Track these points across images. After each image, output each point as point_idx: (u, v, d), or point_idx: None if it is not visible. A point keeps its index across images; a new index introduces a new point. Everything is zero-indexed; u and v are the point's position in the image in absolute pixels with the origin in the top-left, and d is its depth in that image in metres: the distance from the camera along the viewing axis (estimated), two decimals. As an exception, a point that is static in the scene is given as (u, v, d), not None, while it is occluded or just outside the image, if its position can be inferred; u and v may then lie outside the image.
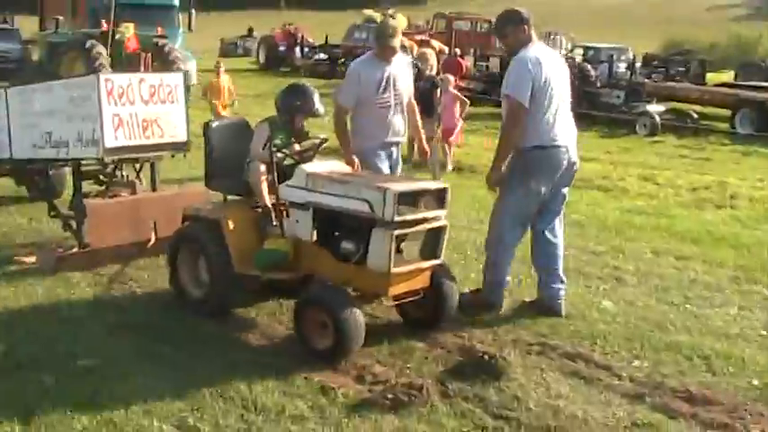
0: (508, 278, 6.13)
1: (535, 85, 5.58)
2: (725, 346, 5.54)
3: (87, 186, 7.71)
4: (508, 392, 4.71)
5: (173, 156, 7.74)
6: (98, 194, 7.68)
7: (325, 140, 6.00)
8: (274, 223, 5.63)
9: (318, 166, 5.72)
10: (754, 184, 12.23)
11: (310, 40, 36.22)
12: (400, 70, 6.51)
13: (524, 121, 5.61)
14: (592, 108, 19.64)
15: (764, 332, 5.87)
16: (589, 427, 4.38)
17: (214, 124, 6.36)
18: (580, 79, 20.09)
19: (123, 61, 18.19)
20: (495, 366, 4.92)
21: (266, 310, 6.10)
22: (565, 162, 5.81)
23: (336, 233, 5.44)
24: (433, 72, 12.29)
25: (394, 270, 5.08)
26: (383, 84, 6.35)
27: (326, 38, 34.65)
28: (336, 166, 5.88)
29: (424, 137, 7.09)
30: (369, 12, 48.68)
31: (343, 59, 30.94)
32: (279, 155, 5.67)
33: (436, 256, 5.41)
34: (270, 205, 5.68)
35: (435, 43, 26.67)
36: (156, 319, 5.92)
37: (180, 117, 7.36)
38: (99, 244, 7.03)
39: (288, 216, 5.56)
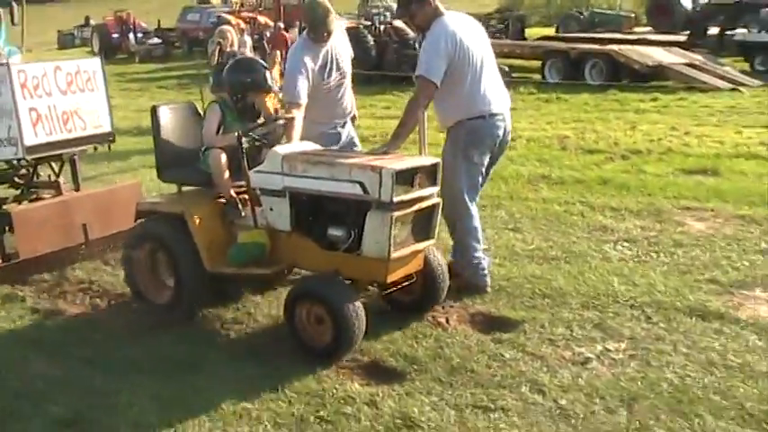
0: (483, 256, 5.70)
1: (455, 58, 5.29)
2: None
3: (2, 191, 6.97)
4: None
5: (95, 149, 7.10)
6: (17, 199, 6.92)
7: (293, 119, 5.49)
8: (243, 214, 5.17)
9: (290, 147, 5.18)
10: (541, 126, 12.96)
11: (143, 24, 35.79)
12: (339, 46, 6.08)
13: (432, 98, 5.32)
14: (411, 70, 19.78)
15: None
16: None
17: (162, 108, 5.71)
18: (399, 43, 20.86)
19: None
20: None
21: (239, 305, 5.63)
22: (502, 130, 5.59)
23: (319, 219, 4.97)
24: (235, 48, 12.57)
25: (394, 255, 4.66)
26: (327, 68, 5.92)
27: (159, 22, 34.87)
28: (309, 146, 5.32)
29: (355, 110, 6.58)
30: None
31: (177, 42, 32.55)
32: (244, 139, 5.12)
33: (430, 237, 5.00)
34: (234, 195, 5.25)
35: (262, 19, 27.49)
36: (121, 329, 5.37)
37: (102, 106, 6.78)
38: (30, 254, 6.29)
39: (259, 205, 5.07)
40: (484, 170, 5.65)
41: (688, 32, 26.26)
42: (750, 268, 6.03)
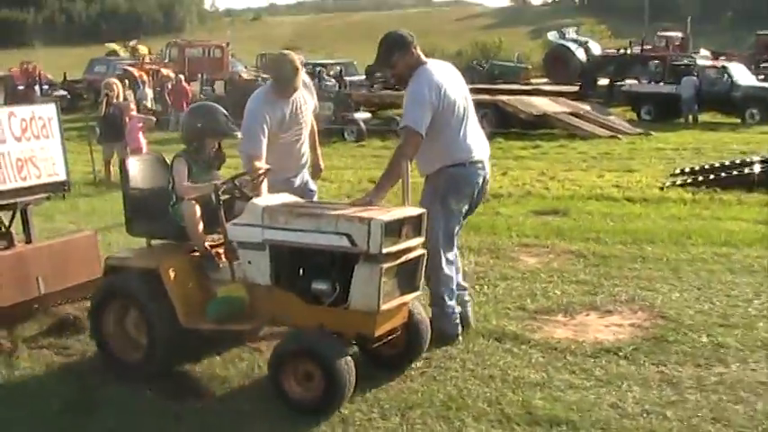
0: (455, 305, 5.64)
1: (439, 106, 5.27)
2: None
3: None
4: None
5: (48, 198, 6.82)
6: (-36, 252, 6.48)
7: (269, 170, 5.41)
8: (220, 267, 5.03)
9: (269, 199, 5.05)
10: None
11: (49, 76, 35.81)
12: (301, 98, 5.98)
13: (418, 149, 5.27)
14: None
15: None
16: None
17: (131, 161, 5.59)
18: None
19: None
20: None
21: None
22: (481, 178, 5.58)
23: (301, 273, 4.86)
24: (121, 99, 13.56)
25: (382, 307, 4.54)
26: (286, 122, 5.85)
27: (65, 75, 35.48)
28: (286, 198, 5.17)
29: (320, 153, 6.54)
30: (111, 45, 47.99)
31: (84, 94, 32.92)
32: (223, 189, 4.97)
33: (416, 288, 4.93)
34: (208, 248, 5.13)
35: (165, 71, 28.86)
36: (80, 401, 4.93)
37: (57, 153, 6.58)
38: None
39: (236, 258, 4.91)
40: (461, 218, 5.64)
41: (579, 83, 27.66)
42: (560, 297, 6.65)
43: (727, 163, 12.96)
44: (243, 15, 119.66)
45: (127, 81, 24.23)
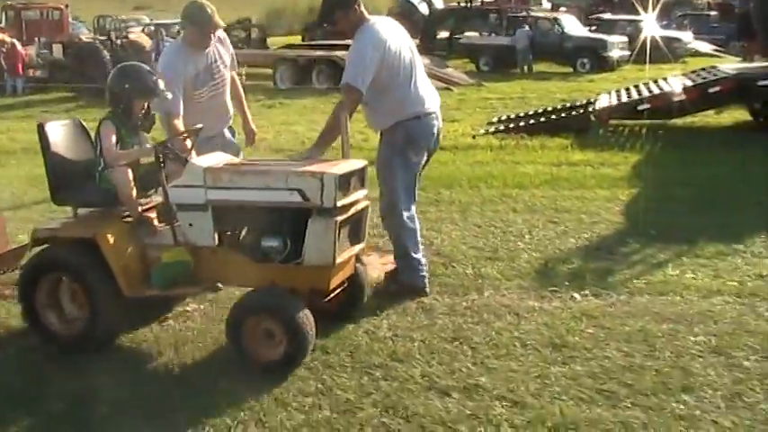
0: (420, 257, 5.70)
1: (385, 63, 5.32)
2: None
3: None
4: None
5: None
6: None
7: (201, 128, 5.24)
8: (157, 231, 4.91)
9: (207, 159, 4.90)
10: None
11: None
12: (216, 54, 5.84)
13: (357, 105, 5.38)
14: None
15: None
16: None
17: (50, 126, 5.18)
18: (136, 57, 21.11)
19: None
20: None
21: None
22: (436, 129, 5.69)
23: (248, 231, 4.87)
24: None
25: (337, 261, 4.58)
26: (200, 77, 5.74)
27: None
28: (223, 157, 5.05)
29: (249, 116, 6.36)
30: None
31: None
32: (166, 153, 4.80)
33: (362, 240, 4.99)
34: (142, 214, 4.98)
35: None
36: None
37: None
38: None
39: (176, 221, 4.76)
40: (419, 170, 5.74)
41: (419, 37, 28.33)
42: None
43: (534, 111, 13.78)
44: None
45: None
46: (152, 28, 28.33)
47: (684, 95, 12.16)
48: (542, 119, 12.82)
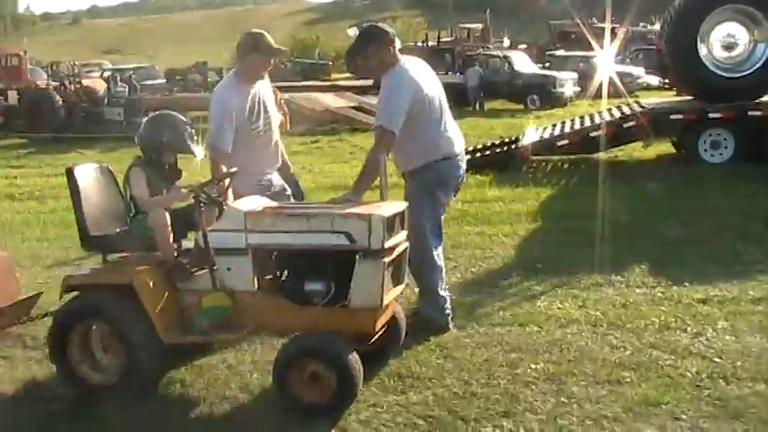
0: (445, 294, 5.77)
1: (418, 102, 5.39)
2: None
3: None
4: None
5: None
6: None
7: (236, 172, 5.18)
8: (192, 276, 4.81)
9: (247, 203, 4.89)
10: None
11: None
12: (266, 91, 5.89)
13: (392, 146, 5.37)
14: (99, 130, 20.78)
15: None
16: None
17: (79, 170, 5.10)
18: (88, 103, 21.93)
19: None
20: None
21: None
22: (463, 170, 5.80)
23: (290, 275, 4.82)
24: None
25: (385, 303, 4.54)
26: (255, 111, 5.70)
27: None
28: (262, 201, 5.01)
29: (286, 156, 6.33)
30: None
31: None
32: (202, 197, 4.79)
33: (402, 281, 4.96)
34: (177, 258, 4.92)
35: None
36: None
37: None
38: None
39: (210, 266, 4.70)
40: (444, 210, 5.83)
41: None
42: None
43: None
44: (62, 18, 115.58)
45: None
46: (108, 73, 28.56)
47: (602, 130, 12.51)
48: (468, 156, 13.08)
